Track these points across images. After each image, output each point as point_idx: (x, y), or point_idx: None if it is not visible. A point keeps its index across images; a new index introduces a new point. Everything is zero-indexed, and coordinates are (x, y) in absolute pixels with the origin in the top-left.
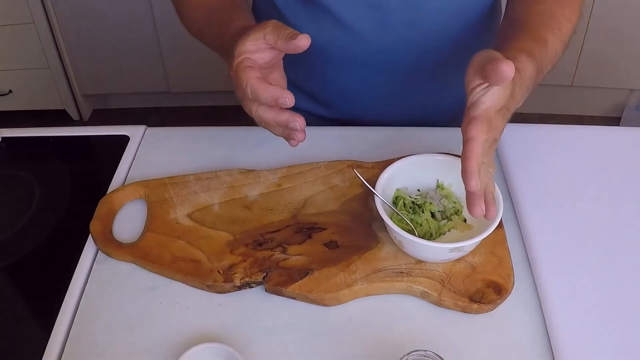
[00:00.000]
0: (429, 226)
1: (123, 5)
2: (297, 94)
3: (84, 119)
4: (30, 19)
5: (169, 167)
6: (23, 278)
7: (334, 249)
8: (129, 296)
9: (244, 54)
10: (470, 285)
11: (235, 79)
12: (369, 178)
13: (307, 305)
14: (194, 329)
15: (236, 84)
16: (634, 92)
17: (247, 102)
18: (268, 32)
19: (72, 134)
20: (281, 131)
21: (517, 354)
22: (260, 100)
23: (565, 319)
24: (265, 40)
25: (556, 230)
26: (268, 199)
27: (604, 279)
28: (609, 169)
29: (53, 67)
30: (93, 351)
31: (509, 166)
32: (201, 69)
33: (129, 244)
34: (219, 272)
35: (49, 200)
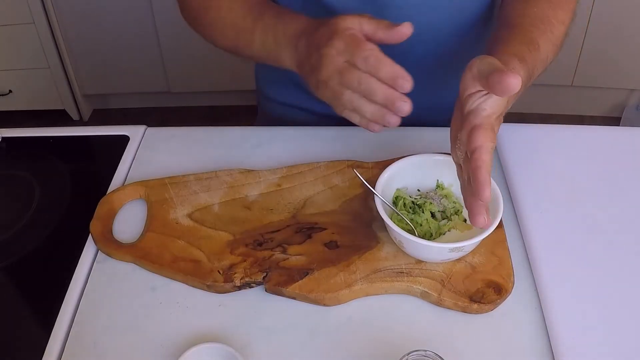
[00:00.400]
0: (429, 226)
1: (123, 5)
2: (299, 92)
3: (84, 119)
4: (30, 19)
5: (169, 167)
6: (23, 278)
7: (334, 249)
8: (129, 296)
9: (349, 29)
10: (470, 285)
11: (333, 46)
12: (369, 178)
13: (307, 305)
14: (194, 329)
15: (331, 51)
16: (634, 92)
17: (346, 72)
18: (365, 21)
19: (72, 134)
20: (374, 110)
21: (517, 354)
22: (379, 73)
23: (565, 319)
24: (363, 28)
25: (556, 230)
26: (268, 199)
27: (604, 279)
28: (609, 169)
29: (53, 67)
30: (93, 351)
31: (509, 166)
32: (201, 69)
33: (129, 244)
34: (219, 272)
35: (49, 200)
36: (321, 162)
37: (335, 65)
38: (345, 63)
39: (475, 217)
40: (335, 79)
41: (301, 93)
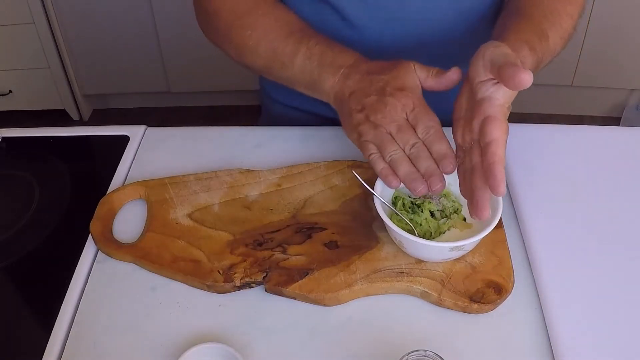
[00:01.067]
0: (429, 226)
1: (123, 5)
2: (301, 95)
3: (84, 119)
4: (30, 19)
5: (169, 167)
6: (23, 278)
7: (334, 249)
8: (129, 296)
9: (417, 88)
10: (470, 285)
11: (400, 100)
12: (369, 178)
13: (307, 305)
14: (194, 329)
15: (397, 103)
16: (634, 92)
17: (404, 130)
18: (418, 68)
19: (72, 134)
20: (408, 172)
21: (517, 354)
22: (433, 147)
23: (565, 319)
24: (417, 74)
25: (556, 230)
26: (268, 199)
27: (604, 279)
28: (609, 169)
29: (53, 67)
30: (93, 351)
31: (509, 166)
32: (201, 69)
33: (129, 244)
34: (219, 272)
35: (49, 200)
36: (321, 162)
37: (395, 117)
38: (405, 120)
39: (482, 211)
40: (388, 128)
41: (305, 96)
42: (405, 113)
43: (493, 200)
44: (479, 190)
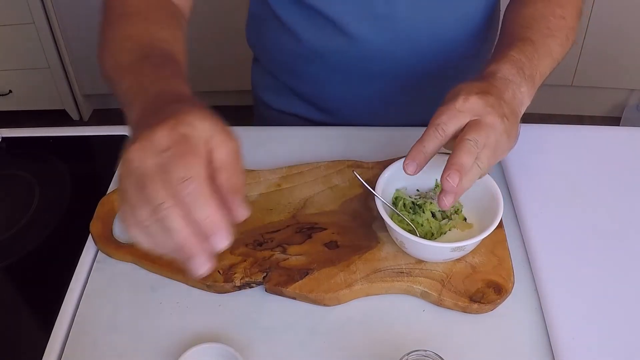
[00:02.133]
0: (430, 226)
1: None
2: (296, 100)
3: (84, 119)
4: (30, 19)
5: None
6: (23, 278)
7: (334, 249)
8: (129, 296)
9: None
10: (470, 285)
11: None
12: (369, 178)
13: (307, 305)
14: (194, 329)
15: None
16: (634, 92)
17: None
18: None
19: (72, 134)
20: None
21: (517, 354)
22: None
23: (565, 319)
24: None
25: (556, 230)
26: (268, 199)
27: (604, 279)
28: (609, 169)
29: (53, 67)
30: (93, 351)
31: (509, 166)
32: (201, 69)
33: (129, 244)
34: (219, 272)
35: (49, 200)
36: (321, 162)
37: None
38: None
39: (442, 198)
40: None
41: (298, 100)
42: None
43: (493, 201)
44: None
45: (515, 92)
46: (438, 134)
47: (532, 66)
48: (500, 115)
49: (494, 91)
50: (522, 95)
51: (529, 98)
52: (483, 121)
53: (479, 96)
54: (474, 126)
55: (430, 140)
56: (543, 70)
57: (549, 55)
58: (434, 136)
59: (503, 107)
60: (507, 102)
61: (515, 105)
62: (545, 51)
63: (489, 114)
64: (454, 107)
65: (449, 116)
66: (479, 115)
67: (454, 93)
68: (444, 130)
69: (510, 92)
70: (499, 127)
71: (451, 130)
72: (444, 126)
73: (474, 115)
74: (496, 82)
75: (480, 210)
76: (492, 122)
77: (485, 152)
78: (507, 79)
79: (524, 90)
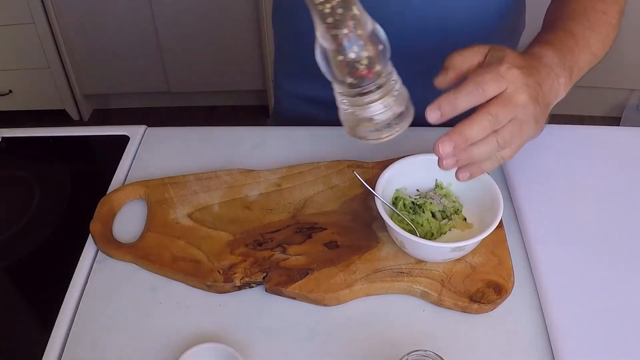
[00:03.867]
0: (430, 226)
1: (123, 5)
2: (316, 83)
3: (84, 119)
4: (30, 19)
5: (169, 167)
6: (23, 278)
7: (334, 249)
8: (129, 296)
9: None
10: (470, 285)
11: None
12: (369, 178)
13: (307, 305)
14: (194, 329)
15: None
16: (634, 92)
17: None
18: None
19: (72, 134)
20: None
21: (517, 354)
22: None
23: (565, 319)
24: None
25: (556, 230)
26: (268, 199)
27: (604, 279)
28: (609, 169)
29: (53, 67)
30: (93, 351)
31: (509, 166)
32: (201, 69)
33: (129, 244)
34: (219, 272)
35: (49, 200)
36: (321, 162)
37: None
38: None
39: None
40: None
41: (320, 84)
42: None
43: (493, 202)
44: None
45: (554, 83)
46: (478, 91)
47: (572, 59)
48: (534, 98)
49: (535, 74)
50: (559, 87)
51: (565, 91)
52: (514, 98)
53: (521, 71)
54: (502, 100)
55: (467, 94)
56: (582, 64)
57: (588, 49)
58: (472, 91)
59: (539, 93)
60: (545, 91)
61: (550, 97)
62: (584, 45)
63: (523, 92)
64: (498, 71)
65: (493, 78)
66: (514, 90)
67: (497, 55)
68: (484, 90)
69: (549, 82)
70: (530, 109)
71: (491, 93)
72: (485, 86)
73: (510, 87)
74: (540, 67)
75: (480, 210)
76: (523, 102)
77: (510, 128)
78: (550, 67)
79: (562, 81)
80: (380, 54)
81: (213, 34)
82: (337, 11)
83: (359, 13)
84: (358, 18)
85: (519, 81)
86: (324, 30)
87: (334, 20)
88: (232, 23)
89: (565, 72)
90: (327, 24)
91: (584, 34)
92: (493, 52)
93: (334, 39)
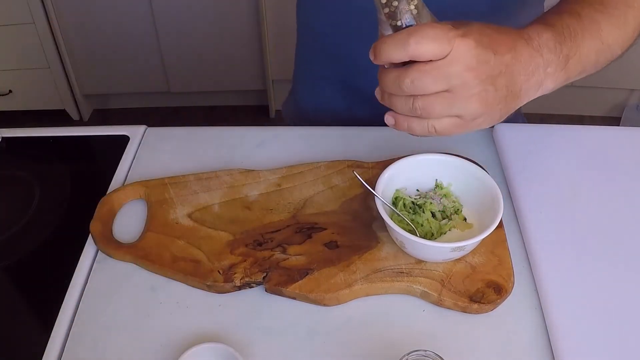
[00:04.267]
0: (430, 226)
1: (123, 5)
2: (337, 65)
3: (84, 119)
4: (30, 19)
5: (169, 167)
6: (23, 278)
7: (334, 249)
8: (129, 296)
9: None
10: (470, 285)
11: None
12: (369, 178)
13: (307, 305)
14: (194, 329)
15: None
16: (634, 92)
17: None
18: None
19: (72, 134)
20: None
21: (517, 354)
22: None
23: (565, 319)
24: None
25: (556, 230)
26: (268, 199)
27: (604, 279)
28: (609, 169)
29: (53, 67)
30: (93, 351)
31: (509, 166)
32: (201, 69)
33: (129, 244)
34: (219, 272)
35: (49, 200)
36: (321, 162)
37: None
38: None
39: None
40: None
41: (338, 65)
42: None
43: (493, 202)
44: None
45: (537, 70)
46: (409, 44)
47: (572, 45)
48: (485, 76)
49: (505, 52)
50: (544, 76)
51: (554, 82)
52: (448, 68)
53: (478, 44)
54: (430, 66)
55: (395, 43)
56: (586, 52)
57: (596, 36)
58: (403, 41)
59: (501, 73)
60: (514, 74)
61: (525, 84)
62: (593, 30)
63: (465, 65)
64: (447, 33)
65: (435, 37)
66: (455, 59)
67: (462, 22)
68: (417, 46)
69: (528, 67)
70: (472, 86)
71: (424, 52)
72: (421, 41)
73: (453, 55)
74: (520, 47)
75: (480, 210)
76: (459, 74)
77: (437, 99)
78: (538, 51)
79: (549, 71)
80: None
81: (213, 34)
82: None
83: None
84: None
85: (468, 52)
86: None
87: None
88: (232, 23)
89: (558, 60)
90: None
91: (594, 18)
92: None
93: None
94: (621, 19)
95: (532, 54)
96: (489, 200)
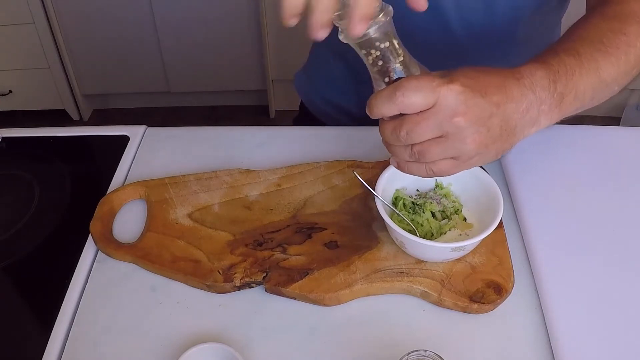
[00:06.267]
0: (430, 226)
1: (123, 5)
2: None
3: (84, 119)
4: (30, 19)
5: (169, 167)
6: (23, 278)
7: (334, 249)
8: (129, 296)
9: None
10: (470, 285)
11: None
12: (369, 178)
13: (307, 305)
14: (194, 329)
15: None
16: (634, 92)
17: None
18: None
19: (72, 134)
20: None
21: (517, 354)
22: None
23: (565, 319)
24: None
25: (556, 230)
26: (268, 199)
27: (604, 279)
28: (609, 169)
29: (53, 67)
30: (93, 351)
31: (509, 166)
32: (201, 69)
33: (129, 244)
34: (219, 272)
35: (49, 200)
36: (321, 162)
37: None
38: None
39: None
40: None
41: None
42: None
43: (493, 202)
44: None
45: (531, 108)
46: (396, 98)
47: (567, 83)
48: (476, 119)
49: (494, 93)
50: (538, 114)
51: (548, 119)
52: (440, 115)
53: (465, 88)
54: (422, 116)
55: (384, 99)
56: (583, 89)
57: (594, 74)
58: (389, 97)
59: (492, 115)
60: (508, 114)
61: (519, 122)
62: (591, 68)
63: (456, 111)
64: (432, 81)
65: (420, 87)
66: (445, 106)
67: (451, 70)
68: (404, 99)
69: (521, 105)
70: (465, 130)
71: (413, 103)
72: (407, 94)
73: (441, 101)
74: (511, 87)
75: (480, 210)
76: (451, 120)
77: (433, 145)
78: (530, 89)
79: (544, 108)
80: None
81: (213, 34)
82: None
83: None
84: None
85: (455, 99)
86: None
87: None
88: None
89: (552, 97)
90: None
91: (593, 57)
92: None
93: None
94: (622, 58)
95: (524, 91)
96: (489, 200)
